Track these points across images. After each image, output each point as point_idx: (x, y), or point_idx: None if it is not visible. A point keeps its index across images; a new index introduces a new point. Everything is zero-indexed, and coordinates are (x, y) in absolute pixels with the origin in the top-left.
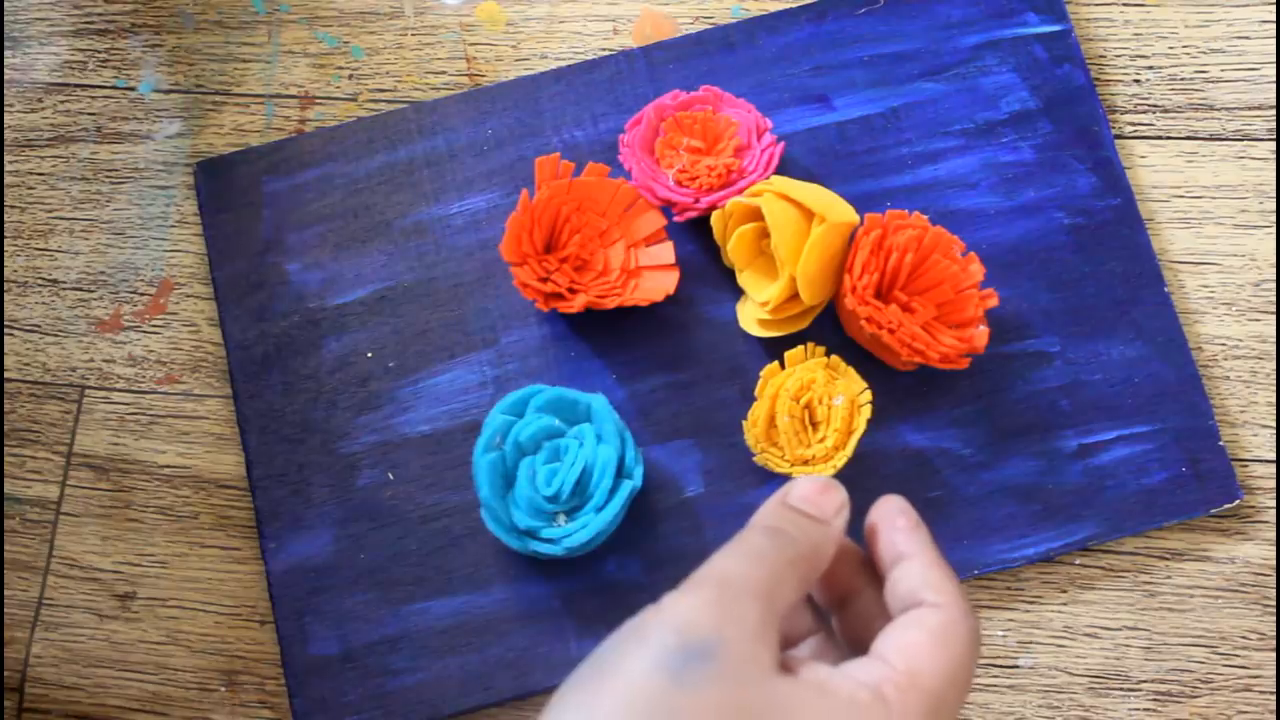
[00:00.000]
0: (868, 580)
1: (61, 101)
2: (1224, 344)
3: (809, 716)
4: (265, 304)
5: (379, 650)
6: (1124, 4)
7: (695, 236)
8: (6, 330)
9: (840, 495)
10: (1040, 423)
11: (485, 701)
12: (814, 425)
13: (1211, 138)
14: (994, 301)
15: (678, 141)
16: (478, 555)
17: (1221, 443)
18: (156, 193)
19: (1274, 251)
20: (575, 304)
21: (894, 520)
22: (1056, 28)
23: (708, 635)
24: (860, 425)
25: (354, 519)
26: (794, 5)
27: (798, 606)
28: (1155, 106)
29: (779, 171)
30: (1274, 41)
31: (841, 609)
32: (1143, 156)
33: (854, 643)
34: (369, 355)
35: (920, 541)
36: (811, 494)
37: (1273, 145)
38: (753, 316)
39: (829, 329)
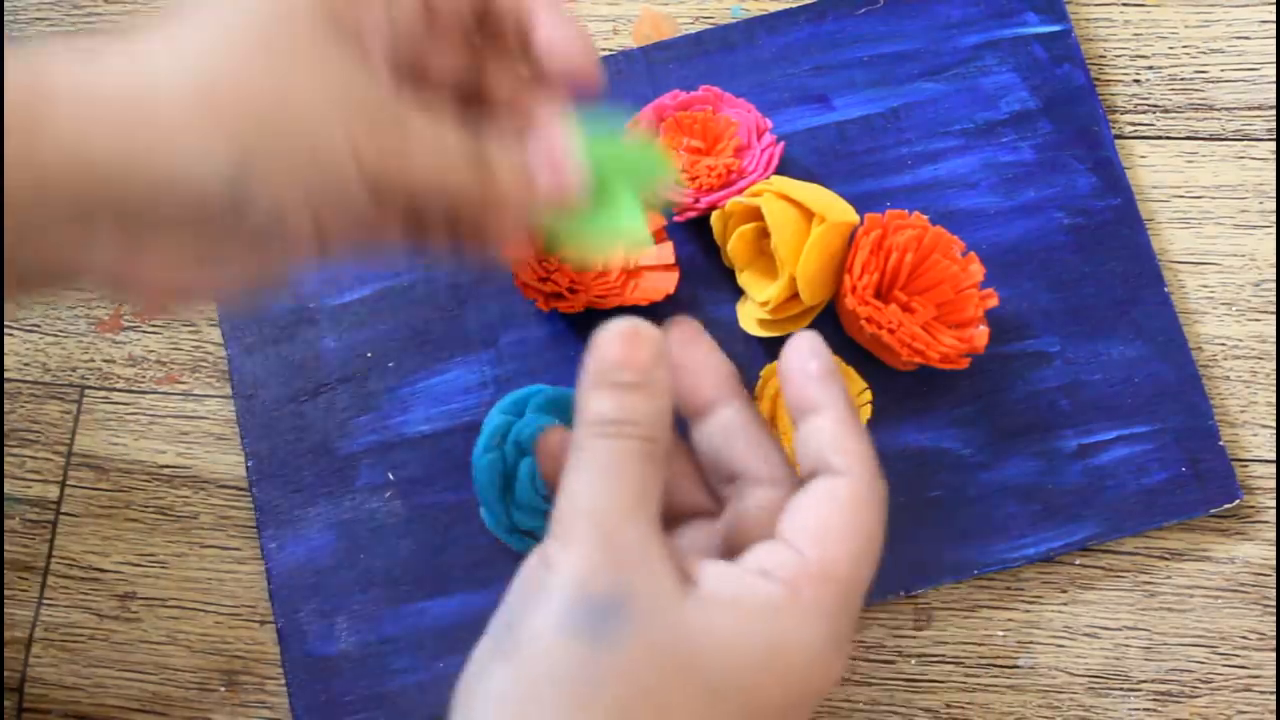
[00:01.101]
0: (727, 392)
1: None
2: (1224, 344)
3: (728, 635)
4: (265, 304)
5: (379, 650)
6: (1124, 4)
7: (695, 236)
8: (6, 330)
9: (651, 338)
10: (1040, 423)
11: None
12: None
13: (1211, 138)
14: (994, 301)
15: (678, 141)
16: (478, 555)
17: (1221, 443)
18: None
19: (1274, 251)
20: (575, 304)
21: (805, 364)
22: (1056, 28)
23: (609, 588)
24: None
25: (354, 519)
26: (794, 5)
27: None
28: (1155, 106)
29: (779, 171)
30: (1274, 41)
31: (703, 419)
32: (1143, 156)
33: (719, 456)
34: (369, 355)
35: (831, 393)
36: (621, 356)
37: (1273, 145)
38: (753, 316)
39: (829, 329)
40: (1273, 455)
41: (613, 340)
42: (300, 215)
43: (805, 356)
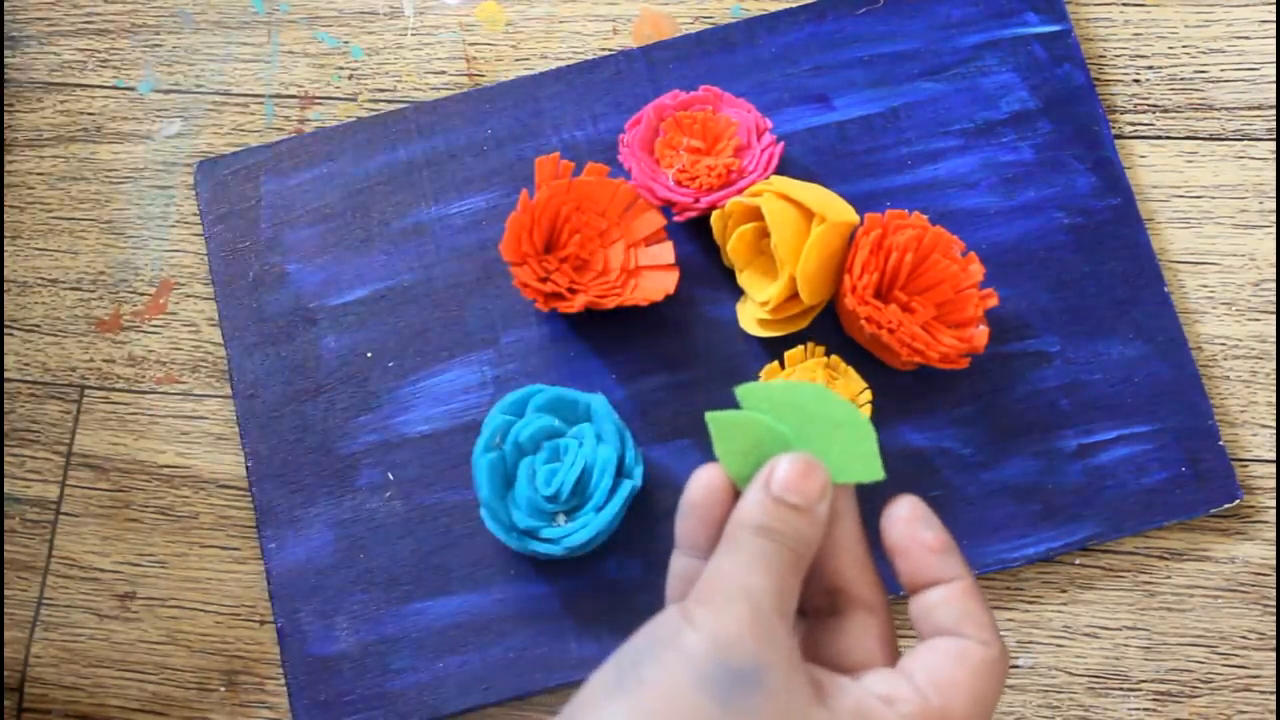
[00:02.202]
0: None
1: (61, 101)
2: (1224, 344)
3: None
4: (265, 304)
5: (379, 650)
6: (1124, 4)
7: (695, 236)
8: (6, 330)
9: (823, 477)
10: (1040, 423)
11: (485, 701)
12: None
13: (1211, 138)
14: (994, 301)
15: (678, 141)
16: (478, 555)
17: (1221, 443)
18: (156, 193)
19: (1274, 251)
20: (575, 304)
21: (922, 537)
22: (1056, 28)
23: (751, 660)
24: None
25: (354, 519)
26: (794, 5)
27: None
28: (1155, 106)
29: (779, 171)
30: (1274, 41)
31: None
32: (1142, 156)
33: (816, 610)
34: (368, 355)
35: (957, 566)
36: (795, 481)
37: (1273, 145)
38: (753, 316)
39: (829, 329)
40: (1273, 455)
41: (792, 465)
42: None
43: (920, 527)
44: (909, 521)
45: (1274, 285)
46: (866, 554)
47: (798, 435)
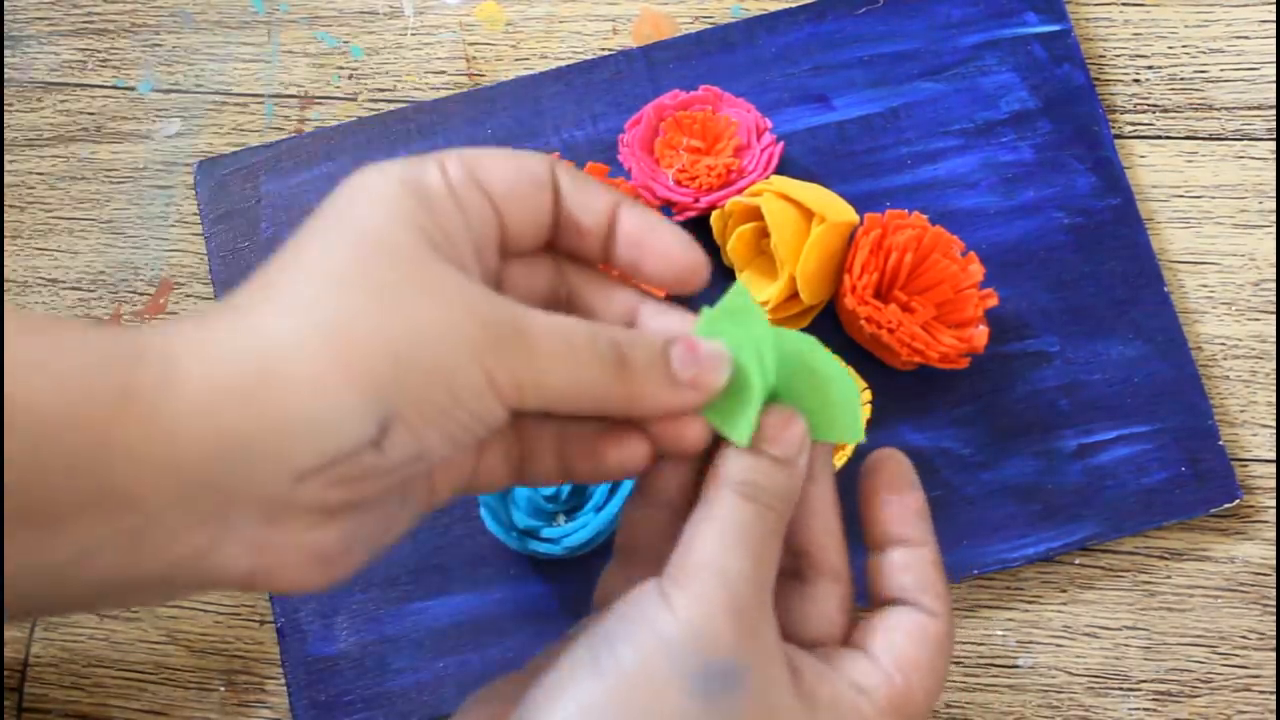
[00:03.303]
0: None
1: (61, 101)
2: (1224, 344)
3: None
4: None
5: (379, 650)
6: (1124, 4)
7: (695, 236)
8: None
9: (801, 427)
10: (1040, 423)
11: None
12: None
13: (1211, 138)
14: (994, 301)
15: (677, 141)
16: (478, 555)
17: (1221, 442)
18: (156, 192)
19: (1274, 251)
20: None
21: (905, 495)
22: (1056, 27)
23: (731, 656)
24: None
25: None
26: (794, 5)
27: None
28: (1155, 106)
29: (779, 171)
30: (1274, 41)
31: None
32: (1142, 156)
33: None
34: None
35: (928, 532)
36: (776, 432)
37: (1273, 145)
38: None
39: (829, 329)
40: (1273, 455)
41: (775, 415)
42: (442, 451)
43: (905, 486)
44: (893, 477)
45: (1274, 285)
46: (838, 520)
47: (783, 386)
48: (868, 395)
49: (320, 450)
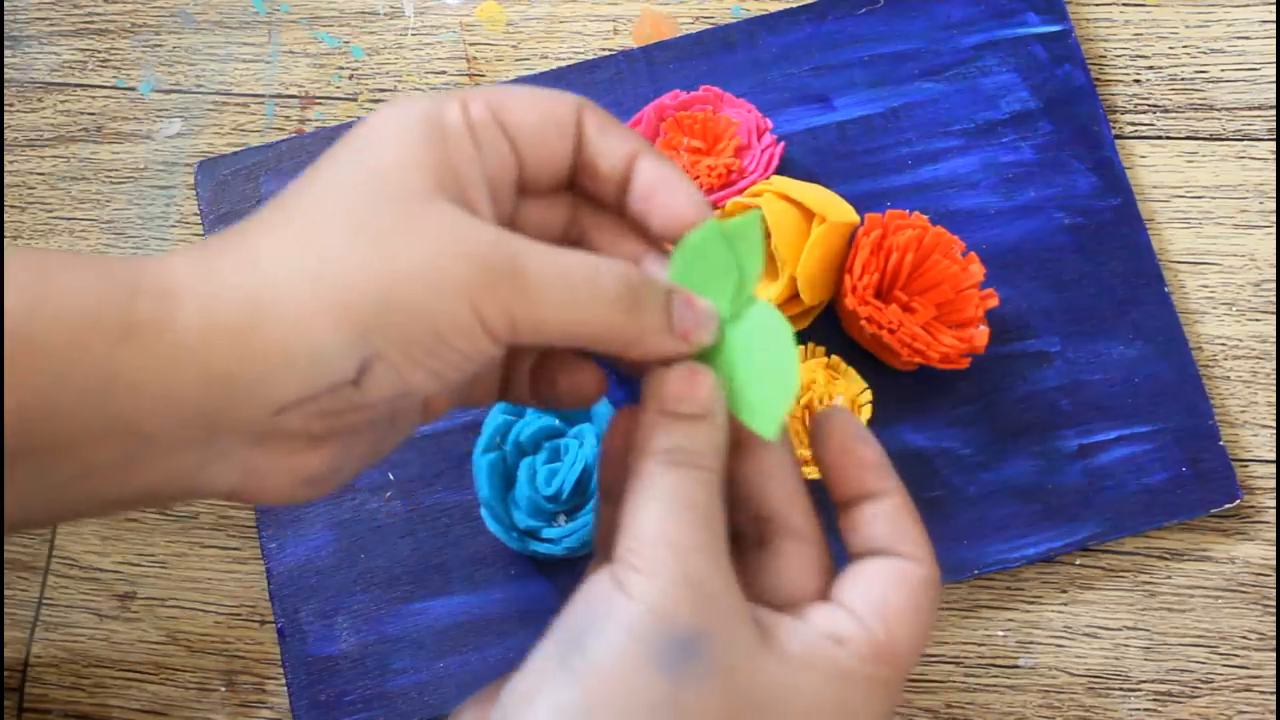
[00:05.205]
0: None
1: (61, 101)
2: (1224, 344)
3: (802, 695)
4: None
5: (379, 650)
6: (1124, 4)
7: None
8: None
9: (708, 379)
10: (1040, 423)
11: None
12: None
13: (1211, 138)
14: (994, 301)
15: (678, 141)
16: (478, 555)
17: (1221, 443)
18: (156, 193)
19: (1274, 251)
20: None
21: (859, 451)
22: (1056, 28)
23: (691, 625)
24: None
25: (354, 519)
26: (794, 5)
27: None
28: (1155, 106)
29: (779, 171)
30: (1274, 41)
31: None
32: (1143, 156)
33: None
34: None
35: (891, 481)
36: (686, 390)
37: (1273, 145)
38: None
39: (829, 329)
40: (1273, 455)
41: (674, 377)
42: (429, 388)
43: (857, 442)
44: (843, 435)
45: (1274, 285)
46: (797, 481)
47: (739, 360)
48: (868, 395)
49: (300, 386)
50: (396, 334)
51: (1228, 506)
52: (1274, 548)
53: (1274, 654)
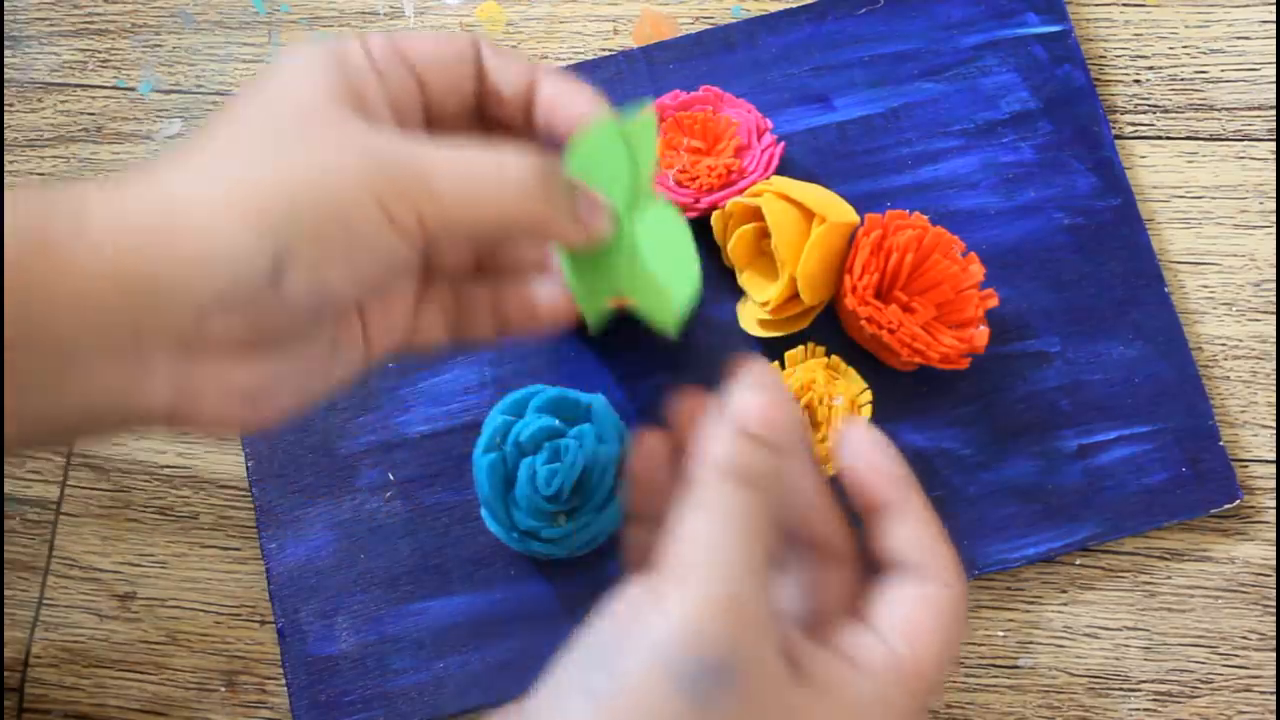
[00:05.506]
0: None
1: (61, 101)
2: (1224, 344)
3: None
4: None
5: (379, 650)
6: (1124, 4)
7: (695, 236)
8: None
9: (795, 408)
10: (1040, 423)
11: (485, 701)
12: (814, 425)
13: (1211, 138)
14: (994, 301)
15: (678, 142)
16: (478, 555)
17: (1221, 443)
18: None
19: (1274, 251)
20: None
21: (883, 464)
22: (1056, 28)
23: (724, 652)
24: None
25: (354, 519)
26: (794, 5)
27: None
28: (1155, 106)
29: (779, 171)
30: (1274, 41)
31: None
32: (1143, 156)
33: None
34: None
35: (915, 496)
36: (768, 413)
37: (1273, 145)
38: (753, 317)
39: (829, 329)
40: (1273, 455)
41: (761, 394)
42: (347, 290)
43: (880, 456)
44: (868, 448)
45: (1274, 285)
46: (823, 493)
47: (638, 256)
48: (868, 395)
49: (217, 286)
50: (307, 229)
51: (1228, 507)
52: (1274, 548)
53: (1274, 654)
